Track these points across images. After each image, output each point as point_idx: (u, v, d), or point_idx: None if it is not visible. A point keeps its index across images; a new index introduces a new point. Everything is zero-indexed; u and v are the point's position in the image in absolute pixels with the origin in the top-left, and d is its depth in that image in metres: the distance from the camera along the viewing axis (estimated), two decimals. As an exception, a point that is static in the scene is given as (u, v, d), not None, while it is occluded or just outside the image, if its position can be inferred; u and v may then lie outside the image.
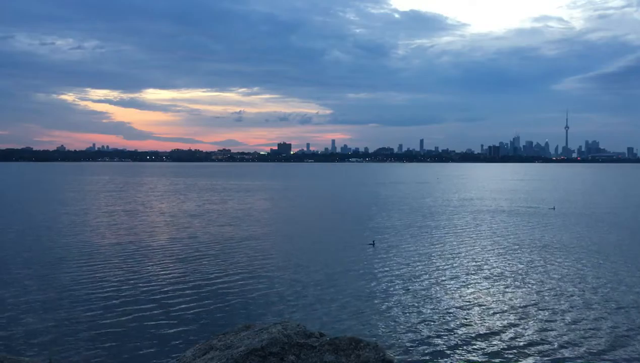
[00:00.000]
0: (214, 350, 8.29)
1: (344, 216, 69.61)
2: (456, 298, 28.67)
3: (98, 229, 55.21)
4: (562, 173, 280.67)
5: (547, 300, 28.43)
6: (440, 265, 37.30)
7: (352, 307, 26.93)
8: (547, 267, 36.93)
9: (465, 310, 26.45)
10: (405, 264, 37.44)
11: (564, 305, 27.31)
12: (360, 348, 7.86)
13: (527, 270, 35.83)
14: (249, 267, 36.23)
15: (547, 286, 31.33)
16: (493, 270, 35.73)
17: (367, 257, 39.91)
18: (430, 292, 29.96)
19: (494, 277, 33.58)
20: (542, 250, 43.56)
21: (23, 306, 26.74)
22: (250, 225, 59.43)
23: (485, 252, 42.32)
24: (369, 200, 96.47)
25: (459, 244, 46.12)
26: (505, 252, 42.31)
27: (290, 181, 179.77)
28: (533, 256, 40.77)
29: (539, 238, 49.95)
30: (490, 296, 29.17)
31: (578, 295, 29.42)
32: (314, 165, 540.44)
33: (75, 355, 20.67)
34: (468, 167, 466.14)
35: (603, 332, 23.43)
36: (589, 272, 35.04)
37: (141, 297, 28.66)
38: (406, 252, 42.32)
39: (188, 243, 46.48)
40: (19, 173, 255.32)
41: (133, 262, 37.68)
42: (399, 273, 34.63)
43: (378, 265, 37.00)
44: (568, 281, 32.60)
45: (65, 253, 40.87)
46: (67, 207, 79.21)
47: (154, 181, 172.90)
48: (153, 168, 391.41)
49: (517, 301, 28.17)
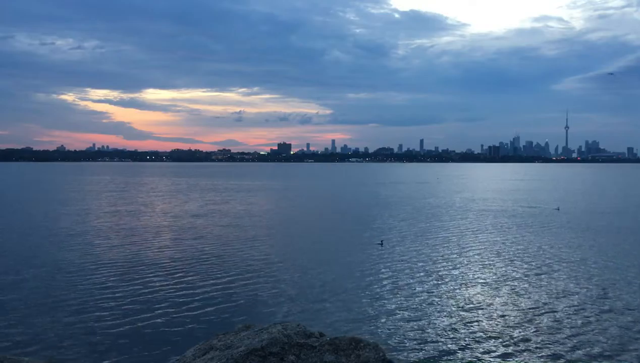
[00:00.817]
0: (214, 350, 8.29)
1: (346, 216, 69.58)
2: (460, 299, 28.51)
3: (98, 229, 55.20)
4: (563, 173, 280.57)
5: (553, 301, 28.24)
6: (445, 265, 37.13)
7: (352, 307, 26.90)
8: (554, 267, 36.63)
9: (469, 312, 26.30)
10: (409, 264, 37.39)
11: (572, 307, 26.97)
12: (360, 348, 7.86)
13: (534, 271, 35.54)
14: (249, 267, 36.21)
15: (553, 287, 31.08)
16: (498, 271, 35.40)
17: (371, 257, 39.87)
18: (434, 293, 29.89)
19: (499, 279, 33.29)
20: (549, 251, 43.23)
21: (23, 306, 26.72)
22: (252, 225, 59.42)
23: (491, 254, 42.04)
24: (370, 200, 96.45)
25: (465, 245, 45.81)
26: (512, 254, 41.95)
27: (290, 181, 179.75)
28: (540, 257, 40.45)
29: (545, 239, 49.49)
30: (495, 298, 28.95)
31: (586, 296, 29.12)
32: (314, 165, 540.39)
33: (75, 355, 20.67)
34: (468, 167, 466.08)
35: (610, 334, 23.24)
36: (597, 274, 34.61)
37: (141, 297, 28.64)
38: (411, 252, 42.26)
39: (189, 243, 46.47)
40: (19, 173, 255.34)
41: (133, 262, 37.65)
42: (402, 273, 34.58)
43: (381, 265, 36.95)
44: (575, 282, 32.36)
45: (65, 254, 40.86)
46: (67, 207, 79.21)
47: (155, 181, 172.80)
48: (153, 168, 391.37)
49: (524, 303, 27.93)
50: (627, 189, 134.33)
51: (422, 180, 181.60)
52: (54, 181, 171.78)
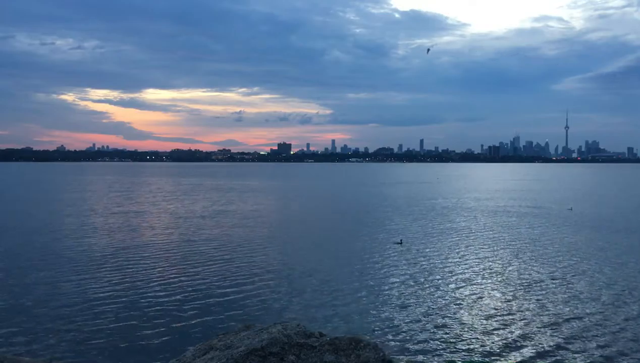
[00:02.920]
0: (214, 350, 8.29)
1: (347, 216, 69.54)
2: (466, 301, 28.29)
3: (98, 229, 55.18)
4: (564, 173, 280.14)
5: (567, 305, 27.82)
6: (456, 266, 36.73)
7: (353, 307, 26.88)
8: (569, 270, 35.43)
9: (474, 314, 26.12)
10: (415, 265, 37.31)
11: (586, 311, 26.19)
12: (360, 348, 7.86)
13: (551, 273, 34.52)
14: (250, 267, 36.18)
15: (568, 291, 30.07)
16: (510, 274, 34.22)
17: (371, 257, 39.83)
18: (436, 293, 29.78)
19: (511, 282, 32.49)
20: (567, 253, 41.73)
21: (24, 306, 26.71)
22: (257, 225, 59.33)
23: (504, 255, 41.05)
24: (376, 200, 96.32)
25: (480, 247, 44.39)
26: (527, 256, 40.64)
27: (293, 181, 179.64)
28: (557, 260, 39.01)
29: (568, 239, 47.81)
30: (506, 302, 28.51)
31: (608, 299, 28.33)
32: (314, 165, 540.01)
33: (75, 355, 20.66)
34: (468, 167, 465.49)
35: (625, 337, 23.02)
36: (626, 277, 33.64)
37: (141, 297, 28.63)
38: (423, 252, 42.07)
39: (191, 243, 46.42)
40: (20, 173, 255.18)
41: (133, 262, 37.64)
42: (405, 274, 34.52)
43: (382, 266, 36.92)
44: (594, 286, 31.15)
45: (68, 253, 40.84)
46: (69, 208, 79.18)
47: (159, 181, 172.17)
48: (154, 168, 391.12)
49: (533, 305, 27.57)
50: (634, 189, 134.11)
51: (425, 180, 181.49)
52: (55, 181, 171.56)
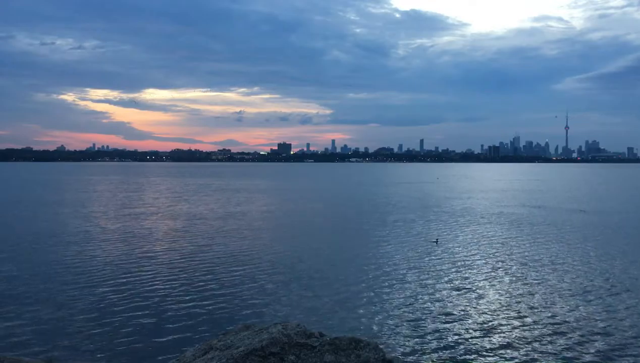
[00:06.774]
0: (214, 350, 8.28)
1: (350, 216, 69.56)
2: (471, 304, 28.20)
3: (100, 230, 55.18)
4: (565, 173, 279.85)
5: (580, 310, 27.58)
6: (461, 268, 36.33)
7: (353, 307, 26.87)
8: (589, 275, 34.05)
9: (478, 315, 25.99)
10: (410, 265, 37.33)
11: (600, 318, 25.33)
12: (360, 348, 7.85)
13: (572, 278, 33.04)
14: (251, 267, 36.14)
15: (585, 297, 29.23)
16: (521, 280, 33.04)
17: (372, 258, 39.82)
18: (437, 294, 29.69)
19: (518, 287, 31.93)
20: (591, 257, 40.00)
21: (24, 306, 26.69)
22: (265, 226, 59.30)
23: (517, 259, 40.16)
24: (380, 200, 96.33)
25: (486, 249, 43.39)
26: (547, 260, 39.16)
27: (295, 182, 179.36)
28: (582, 264, 37.31)
29: (588, 244, 45.94)
30: (511, 304, 28.38)
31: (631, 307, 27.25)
32: (314, 165, 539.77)
33: (75, 355, 20.64)
34: (469, 167, 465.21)
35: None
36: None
37: (141, 296, 28.61)
38: (412, 252, 42.19)
39: (194, 243, 46.42)
40: (20, 173, 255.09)
41: (134, 263, 37.64)
42: (403, 273, 34.53)
43: (382, 266, 36.92)
44: (617, 294, 29.68)
45: (70, 253, 40.82)
46: (69, 208, 79.17)
47: (164, 182, 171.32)
48: (155, 168, 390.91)
49: (542, 309, 27.29)
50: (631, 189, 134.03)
51: (426, 180, 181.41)
52: (56, 181, 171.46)
